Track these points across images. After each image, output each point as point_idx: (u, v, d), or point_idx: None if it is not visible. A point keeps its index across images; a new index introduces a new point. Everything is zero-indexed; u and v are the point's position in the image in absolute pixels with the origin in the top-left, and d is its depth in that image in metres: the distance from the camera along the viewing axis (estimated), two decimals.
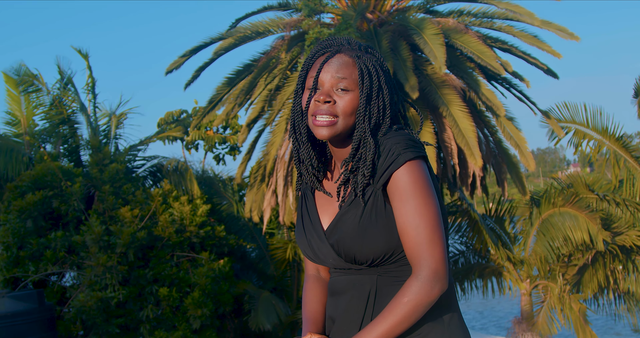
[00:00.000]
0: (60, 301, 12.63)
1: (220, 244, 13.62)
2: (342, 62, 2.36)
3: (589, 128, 13.43)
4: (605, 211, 13.47)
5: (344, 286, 2.37)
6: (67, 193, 12.47)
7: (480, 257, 15.00)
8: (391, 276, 2.31)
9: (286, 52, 13.43)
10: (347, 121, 2.33)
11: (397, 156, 2.24)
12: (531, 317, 14.14)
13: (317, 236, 2.39)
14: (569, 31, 13.45)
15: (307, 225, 2.44)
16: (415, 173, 2.23)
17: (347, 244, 2.29)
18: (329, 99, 2.33)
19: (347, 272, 2.36)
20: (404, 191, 2.22)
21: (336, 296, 2.40)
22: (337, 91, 2.34)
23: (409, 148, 2.25)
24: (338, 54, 2.38)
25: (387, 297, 2.30)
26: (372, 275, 2.32)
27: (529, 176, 65.07)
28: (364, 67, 2.35)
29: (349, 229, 2.28)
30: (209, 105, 14.30)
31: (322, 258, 2.39)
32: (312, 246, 2.40)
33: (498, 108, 12.85)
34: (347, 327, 2.35)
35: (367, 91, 2.33)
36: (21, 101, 14.20)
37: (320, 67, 2.36)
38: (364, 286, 2.32)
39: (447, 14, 14.37)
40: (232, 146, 22.73)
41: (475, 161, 12.43)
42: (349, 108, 2.33)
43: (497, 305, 25.19)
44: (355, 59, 2.36)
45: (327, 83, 2.35)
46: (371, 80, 2.34)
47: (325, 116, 2.33)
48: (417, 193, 2.22)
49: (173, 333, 12.08)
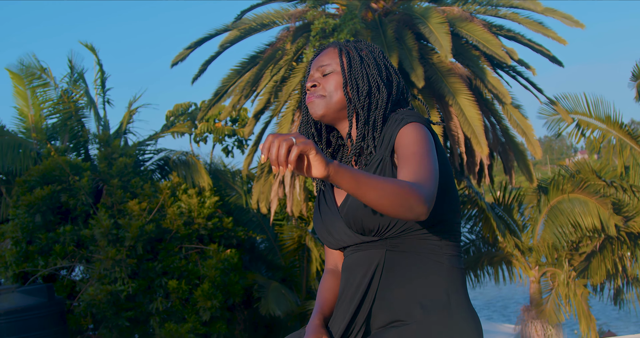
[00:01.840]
0: (70, 295, 12.68)
1: (229, 236, 13.65)
2: (326, 53, 2.51)
3: (592, 118, 13.40)
4: (614, 197, 13.45)
5: (354, 261, 2.40)
6: (76, 187, 12.50)
7: (489, 245, 14.99)
8: (399, 250, 2.33)
9: (291, 43, 13.43)
10: (335, 96, 2.44)
11: (401, 121, 2.33)
12: (540, 305, 14.14)
13: (331, 214, 2.44)
14: (574, 19, 13.43)
15: (323, 211, 2.49)
16: (418, 131, 2.30)
17: (355, 210, 2.32)
18: (314, 83, 2.46)
19: (359, 248, 2.39)
20: (405, 143, 2.28)
21: (347, 272, 2.43)
22: (323, 77, 2.48)
23: (414, 116, 2.34)
24: (324, 50, 2.54)
25: (394, 270, 2.33)
26: (380, 250, 2.34)
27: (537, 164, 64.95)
28: (343, 48, 2.49)
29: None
30: (215, 97, 14.32)
31: (336, 237, 2.42)
32: (327, 227, 2.45)
33: (504, 96, 12.83)
34: (349, 303, 2.37)
35: (348, 64, 2.45)
36: (28, 97, 14.22)
37: (311, 67, 2.53)
38: (373, 261, 2.35)
39: (452, 3, 14.34)
40: (240, 139, 22.73)
41: (482, 149, 12.43)
42: (332, 85, 2.45)
43: (508, 292, 25.21)
44: (338, 46, 2.51)
45: (314, 75, 2.51)
46: (349, 55, 2.46)
47: (312, 97, 2.46)
48: (416, 142, 2.26)
49: (183, 326, 12.12)
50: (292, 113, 13.35)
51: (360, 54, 2.47)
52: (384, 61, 2.49)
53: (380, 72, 2.46)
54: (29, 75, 14.04)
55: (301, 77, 13.28)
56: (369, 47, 2.51)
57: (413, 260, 2.33)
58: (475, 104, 12.76)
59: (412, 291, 2.31)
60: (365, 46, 2.51)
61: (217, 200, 13.70)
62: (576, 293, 13.40)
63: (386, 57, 2.52)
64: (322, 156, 2.00)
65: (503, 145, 14.35)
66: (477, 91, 13.55)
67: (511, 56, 13.18)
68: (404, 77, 12.25)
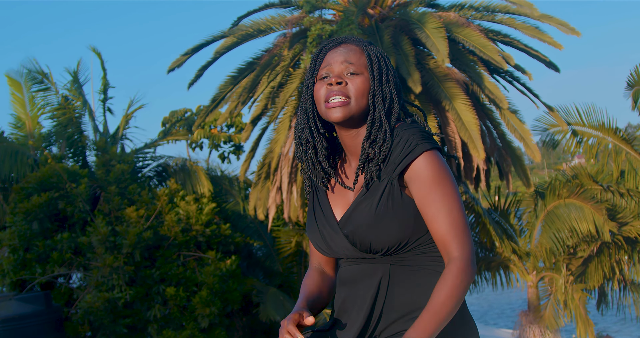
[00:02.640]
0: (67, 302, 12.66)
1: (227, 242, 13.64)
2: (349, 49, 2.44)
3: (585, 126, 13.43)
4: (610, 202, 13.47)
5: (355, 275, 2.40)
6: (73, 194, 12.49)
7: (487, 251, 15.00)
8: (404, 264, 2.34)
9: (288, 49, 13.43)
10: (360, 102, 2.38)
11: (414, 146, 2.30)
12: (538, 310, 14.14)
13: (329, 227, 2.42)
14: (570, 26, 13.47)
15: (319, 218, 2.47)
16: (436, 162, 2.29)
17: (363, 233, 2.32)
18: (340, 80, 2.39)
19: (360, 262, 2.39)
20: (427, 180, 2.28)
21: (348, 285, 2.42)
22: (347, 75, 2.41)
23: (425, 140, 2.31)
24: (344, 44, 2.47)
25: (400, 285, 2.33)
26: (385, 264, 2.35)
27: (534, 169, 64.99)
28: (371, 53, 2.43)
29: (365, 218, 2.32)
30: (212, 103, 14.31)
31: (334, 250, 2.42)
32: (324, 238, 2.44)
33: (501, 101, 12.85)
34: (357, 315, 2.37)
35: (378, 73, 2.40)
36: (26, 103, 14.21)
37: (329, 57, 2.45)
38: (377, 274, 2.36)
39: (448, 8, 14.36)
40: (236, 145, 22.72)
41: (478, 153, 12.44)
42: (360, 89, 2.39)
43: (506, 297, 25.21)
44: (361, 46, 2.45)
45: (336, 69, 2.42)
46: (379, 64, 2.41)
47: (338, 96, 2.37)
48: (442, 182, 2.28)
49: (181, 333, 12.10)
50: (289, 119, 13.36)
51: (386, 63, 2.44)
52: (393, 68, 2.48)
53: (397, 81, 2.46)
54: (30, 79, 14.03)
55: (298, 84, 13.29)
56: (384, 53, 2.48)
57: (416, 272, 2.34)
58: (472, 109, 12.78)
59: (416, 301, 2.32)
60: (382, 53, 2.47)
61: (214, 207, 13.68)
62: (574, 298, 13.41)
63: (392, 65, 2.52)
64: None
65: (500, 150, 14.36)
66: (473, 96, 13.57)
67: (508, 61, 13.20)
68: (401, 82, 12.24)
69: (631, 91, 12.72)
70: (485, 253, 15.07)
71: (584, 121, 13.39)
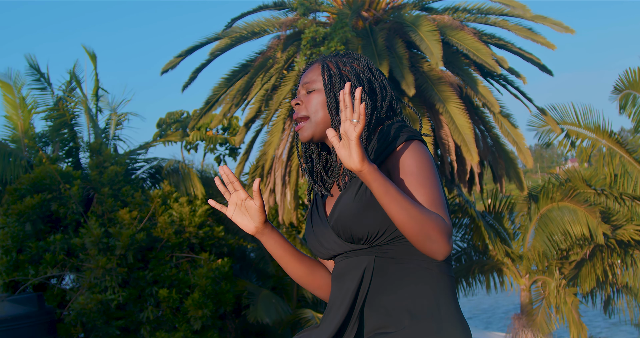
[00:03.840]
0: (60, 304, 12.63)
1: (220, 244, 13.63)
2: (311, 69, 2.54)
3: (581, 127, 13.44)
4: (603, 205, 13.48)
5: (343, 268, 2.43)
6: (66, 195, 12.48)
7: (480, 254, 15.01)
8: (389, 257, 2.36)
9: (282, 51, 13.45)
10: (317, 116, 2.48)
11: (395, 137, 2.35)
12: (531, 313, 14.15)
13: (322, 225, 2.47)
14: (564, 25, 13.50)
15: (315, 221, 2.52)
16: (418, 151, 2.33)
17: (344, 221, 2.36)
18: (297, 102, 2.51)
19: (349, 255, 2.42)
20: (409, 167, 2.31)
21: (337, 279, 2.45)
22: (305, 94, 2.52)
23: (407, 132, 2.36)
24: (312, 65, 2.56)
25: (384, 276, 2.35)
26: (370, 256, 2.37)
27: (527, 172, 65.10)
28: (324, 65, 2.49)
29: (345, 205, 2.36)
30: (206, 105, 14.32)
31: (326, 246, 2.46)
32: (317, 236, 2.48)
33: (493, 105, 12.89)
34: (341, 300, 2.38)
35: (328, 82, 2.46)
36: (17, 105, 14.20)
37: (299, 82, 2.56)
38: (361, 266, 2.38)
39: (442, 11, 14.39)
40: (233, 147, 22.75)
41: (472, 157, 12.47)
42: (313, 104, 2.48)
43: (499, 300, 25.23)
44: (320, 61, 2.52)
45: (300, 92, 2.54)
46: (330, 73, 2.47)
47: (299, 118, 2.50)
48: (424, 169, 2.31)
49: (174, 335, 12.09)
50: (283, 122, 13.37)
51: (343, 70, 2.48)
52: (368, 75, 2.49)
53: (363, 87, 2.46)
54: (28, 74, 14.04)
55: (292, 86, 13.31)
56: (354, 61, 2.51)
57: (402, 266, 2.35)
58: (465, 112, 12.81)
59: (401, 297, 2.32)
60: (350, 60, 2.51)
61: (208, 208, 13.68)
62: (566, 302, 13.42)
63: (372, 70, 2.51)
64: (364, 151, 2.17)
65: (493, 153, 14.39)
66: (467, 100, 13.59)
67: (501, 65, 13.23)
68: (394, 85, 12.27)
69: (618, 95, 12.76)
70: (479, 256, 15.09)
71: (580, 121, 13.41)
